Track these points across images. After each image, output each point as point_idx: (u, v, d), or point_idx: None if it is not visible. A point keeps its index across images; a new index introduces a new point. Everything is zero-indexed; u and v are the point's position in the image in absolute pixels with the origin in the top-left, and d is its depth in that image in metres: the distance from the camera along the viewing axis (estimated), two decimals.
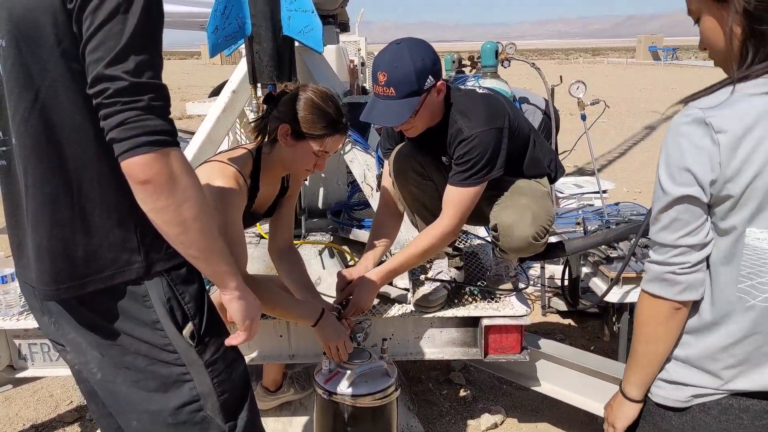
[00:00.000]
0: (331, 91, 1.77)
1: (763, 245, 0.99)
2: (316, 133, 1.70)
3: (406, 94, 1.75)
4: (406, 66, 1.72)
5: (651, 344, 1.14)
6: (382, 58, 1.78)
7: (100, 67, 1.01)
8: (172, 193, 1.05)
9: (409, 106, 1.76)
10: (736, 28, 0.98)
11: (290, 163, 1.79)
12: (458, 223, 1.91)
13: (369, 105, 1.83)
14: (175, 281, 1.22)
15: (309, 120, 1.69)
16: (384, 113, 1.78)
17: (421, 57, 1.75)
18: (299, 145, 1.72)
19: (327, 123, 1.70)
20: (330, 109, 1.71)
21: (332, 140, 1.73)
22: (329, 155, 1.78)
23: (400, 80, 1.73)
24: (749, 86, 0.97)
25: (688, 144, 0.98)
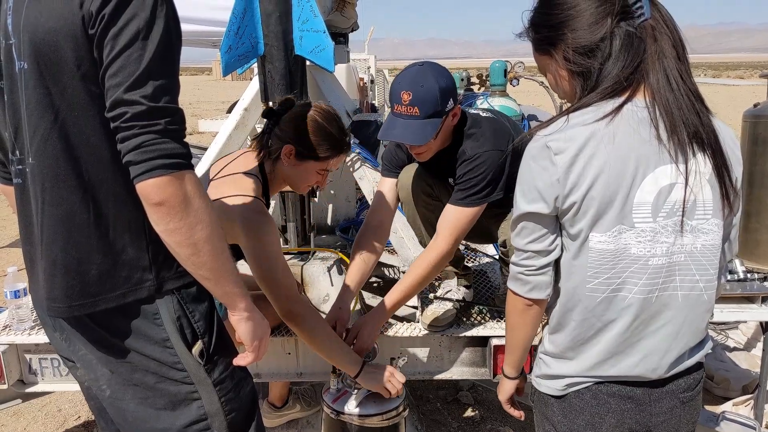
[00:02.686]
0: (333, 110, 1.80)
1: (603, 246, 1.14)
2: (321, 155, 1.73)
3: (429, 114, 1.75)
4: (431, 86, 1.73)
5: (515, 332, 1.34)
6: (406, 78, 1.77)
7: (120, 92, 1.03)
8: (185, 215, 1.07)
9: (432, 126, 1.76)
10: (561, 71, 1.20)
11: (293, 181, 1.82)
12: (453, 245, 1.88)
13: (388, 124, 1.81)
14: (185, 300, 1.23)
15: (314, 142, 1.71)
16: (407, 132, 1.76)
17: (445, 79, 1.76)
18: (303, 165, 1.75)
19: (331, 144, 1.73)
20: (334, 130, 1.74)
21: (336, 160, 1.78)
22: (331, 172, 1.83)
23: (425, 100, 1.73)
24: (581, 114, 1.14)
25: (535, 165, 1.15)
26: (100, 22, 1.04)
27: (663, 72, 1.12)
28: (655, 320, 1.18)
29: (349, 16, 3.14)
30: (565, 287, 1.22)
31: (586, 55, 1.15)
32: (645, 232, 1.13)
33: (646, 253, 1.14)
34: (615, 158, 1.10)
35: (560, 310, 1.24)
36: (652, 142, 1.11)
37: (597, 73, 1.15)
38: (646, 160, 1.11)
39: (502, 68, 3.64)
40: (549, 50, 1.21)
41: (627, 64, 1.13)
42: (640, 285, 1.15)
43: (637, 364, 1.19)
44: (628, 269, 1.15)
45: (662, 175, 1.11)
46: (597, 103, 1.14)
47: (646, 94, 1.14)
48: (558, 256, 1.21)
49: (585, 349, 1.22)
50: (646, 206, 1.12)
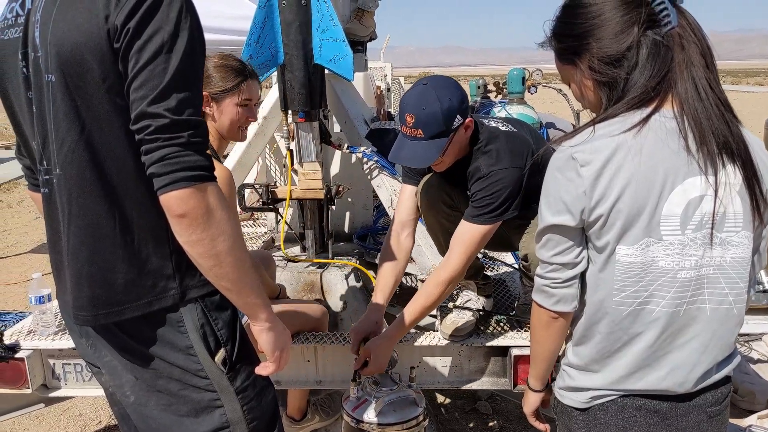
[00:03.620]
0: (228, 52, 1.92)
1: (630, 259, 1.12)
2: (231, 86, 1.82)
3: (433, 135, 1.75)
4: (434, 107, 1.72)
5: (540, 345, 1.33)
6: (410, 100, 1.77)
7: (144, 105, 1.04)
8: (207, 226, 1.08)
9: (436, 147, 1.76)
10: (586, 81, 1.19)
11: (225, 128, 1.87)
12: (465, 263, 1.86)
13: (397, 145, 1.83)
14: (208, 308, 1.24)
15: (220, 78, 1.82)
16: (412, 154, 1.78)
17: (449, 97, 1.74)
18: (222, 106, 1.84)
19: (236, 73, 1.84)
20: (231, 62, 1.84)
21: (247, 86, 1.86)
22: (253, 103, 1.90)
23: (427, 122, 1.73)
24: (608, 125, 1.12)
25: (561, 177, 1.13)
26: (125, 36, 1.05)
27: (691, 81, 1.11)
28: (683, 334, 1.16)
29: (367, 25, 3.15)
30: (591, 300, 1.21)
31: (612, 64, 1.13)
32: (673, 245, 1.11)
33: (674, 266, 1.12)
34: (643, 170, 1.08)
35: (585, 322, 1.23)
36: (680, 154, 1.09)
37: (623, 83, 1.14)
38: (674, 171, 1.09)
39: (520, 76, 3.63)
40: (573, 60, 1.20)
41: (654, 74, 1.11)
42: (668, 298, 1.14)
43: (664, 378, 1.18)
44: (655, 282, 1.13)
45: (691, 187, 1.10)
46: (624, 113, 1.13)
47: (674, 104, 1.12)
48: (584, 268, 1.20)
49: (611, 362, 1.21)
50: (675, 218, 1.10)
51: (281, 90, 2.60)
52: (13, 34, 1.19)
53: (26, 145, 1.29)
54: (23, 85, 1.19)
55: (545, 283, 1.23)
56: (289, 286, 2.83)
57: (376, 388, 1.86)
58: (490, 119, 1.98)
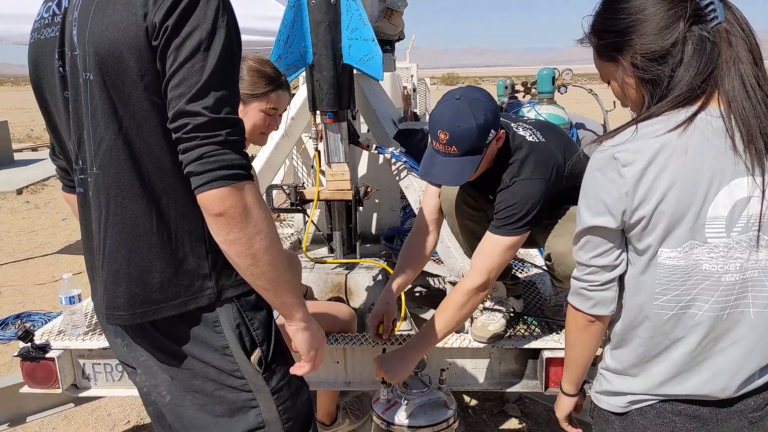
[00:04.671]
0: (266, 58, 1.91)
1: (673, 263, 1.09)
2: (261, 92, 1.81)
3: (468, 152, 1.71)
4: (469, 124, 1.67)
5: (575, 348, 1.30)
6: (443, 116, 1.71)
7: (182, 103, 1.04)
8: (244, 225, 1.07)
9: (472, 164, 1.72)
10: (628, 79, 1.16)
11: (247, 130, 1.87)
12: (489, 275, 1.80)
13: (427, 161, 1.79)
14: (244, 307, 1.24)
15: (252, 83, 1.80)
16: (446, 171, 1.73)
17: (483, 112, 1.69)
18: (248, 109, 1.82)
19: (268, 80, 1.82)
20: (268, 69, 1.84)
21: (277, 96, 1.85)
22: (279, 113, 1.90)
23: (462, 139, 1.68)
24: (651, 124, 1.09)
25: (602, 177, 1.10)
26: (163, 34, 1.05)
27: (739, 78, 1.07)
28: (726, 338, 1.13)
29: (396, 24, 3.14)
30: (631, 303, 1.18)
31: (657, 61, 1.10)
32: (718, 248, 1.08)
33: (718, 269, 1.09)
34: (687, 171, 1.05)
35: (624, 326, 1.20)
36: (727, 154, 1.06)
37: (667, 81, 1.10)
38: (720, 172, 1.06)
39: (550, 76, 3.57)
40: (615, 57, 1.17)
41: (700, 71, 1.08)
42: (711, 302, 1.10)
43: (705, 383, 1.14)
44: (698, 286, 1.10)
45: (738, 188, 1.06)
46: (668, 112, 1.09)
47: (720, 102, 1.09)
48: (623, 271, 1.17)
49: (650, 367, 1.18)
50: (720, 221, 1.07)
51: (310, 90, 2.60)
52: (49, 34, 1.19)
53: (61, 146, 1.30)
54: (60, 84, 1.20)
55: (583, 285, 1.20)
56: (315, 287, 2.83)
57: (407, 391, 1.85)
58: (519, 124, 1.94)
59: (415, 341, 1.89)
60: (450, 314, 1.84)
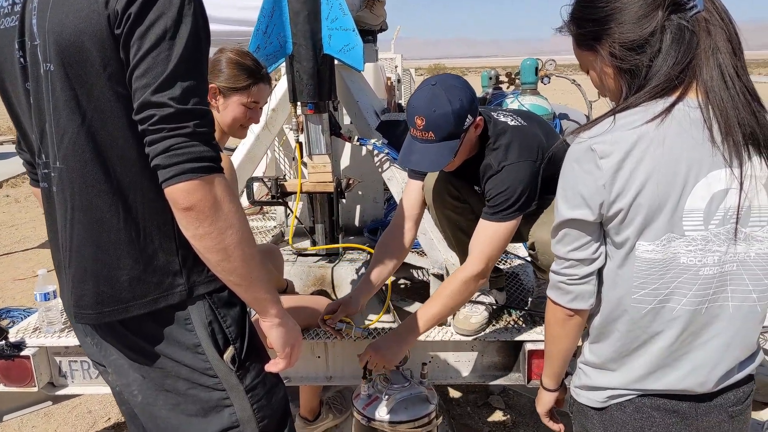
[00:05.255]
0: (246, 49, 1.91)
1: (651, 256, 1.08)
2: (241, 85, 1.81)
3: (445, 137, 1.70)
4: (444, 109, 1.66)
5: (554, 343, 1.29)
6: (419, 102, 1.70)
7: (147, 94, 1.00)
8: (214, 220, 1.04)
9: (449, 149, 1.71)
10: (607, 68, 1.14)
11: (227, 123, 1.87)
12: (486, 263, 1.79)
13: (406, 148, 1.77)
14: (216, 304, 1.21)
15: (232, 76, 1.81)
16: (424, 157, 1.72)
17: (459, 98, 1.68)
18: (229, 102, 1.83)
19: (248, 73, 1.81)
20: (248, 61, 1.84)
21: (257, 89, 1.84)
22: (260, 107, 1.90)
23: (438, 124, 1.68)
24: (629, 114, 1.07)
25: (579, 169, 1.09)
26: (126, 22, 1.01)
27: (717, 68, 1.05)
28: (705, 332, 1.12)
29: (378, 14, 3.10)
30: (609, 297, 1.16)
31: (635, 50, 1.08)
32: (696, 241, 1.07)
33: (696, 262, 1.07)
34: (665, 162, 1.04)
35: (603, 320, 1.19)
36: (705, 145, 1.04)
37: (646, 71, 1.08)
38: (698, 164, 1.04)
39: (533, 66, 3.56)
40: (593, 46, 1.14)
41: (678, 60, 1.06)
42: (689, 296, 1.09)
43: (684, 378, 1.13)
44: (676, 279, 1.08)
45: (715, 180, 1.05)
46: (646, 102, 1.08)
47: (698, 92, 1.07)
48: (602, 264, 1.16)
49: (629, 361, 1.17)
50: (698, 213, 1.05)
51: (290, 81, 2.56)
52: (9, 23, 1.15)
53: (26, 139, 1.26)
54: (20, 76, 1.15)
55: (561, 279, 1.19)
56: (298, 281, 2.80)
57: (387, 385, 1.83)
58: (500, 112, 1.92)
59: (409, 323, 1.87)
60: (446, 301, 1.82)
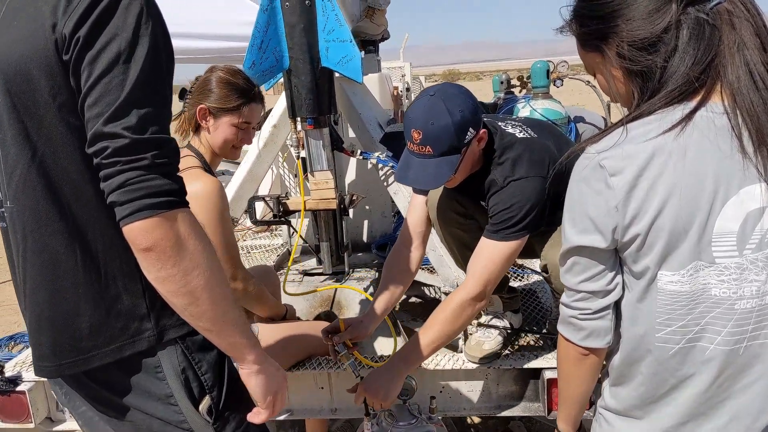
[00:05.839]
0: (237, 67, 1.87)
1: (675, 288, 0.94)
2: (232, 105, 1.76)
3: (444, 152, 1.56)
4: (444, 121, 1.52)
5: (569, 384, 1.15)
6: (416, 114, 1.56)
7: (99, 124, 0.90)
8: (178, 260, 0.93)
9: (448, 165, 1.57)
10: (615, 71, 1.00)
11: (218, 144, 1.81)
12: (486, 285, 1.64)
13: (403, 163, 1.64)
14: (190, 349, 1.10)
15: (222, 96, 1.75)
16: (421, 174, 1.58)
17: (459, 108, 1.54)
18: (219, 123, 1.77)
19: (239, 93, 1.76)
20: (239, 80, 1.78)
21: (249, 109, 1.79)
22: (252, 127, 1.83)
23: (437, 138, 1.54)
24: (642, 124, 0.94)
25: (587, 189, 0.97)
26: (75, 46, 0.91)
27: (744, 67, 0.91)
28: (745, 375, 0.97)
29: (379, 23, 2.99)
30: (629, 335, 1.02)
31: (646, 49, 0.94)
32: (729, 269, 0.92)
33: (731, 294, 0.93)
34: (688, 178, 0.89)
35: (624, 360, 1.04)
36: (734, 157, 0.90)
37: (660, 72, 0.94)
38: (727, 179, 0.90)
39: (544, 69, 3.41)
40: (599, 46, 1.01)
41: (698, 60, 0.91)
42: (724, 334, 0.94)
43: (723, 429, 0.98)
44: (708, 314, 0.94)
45: (749, 197, 0.90)
46: (662, 109, 0.94)
47: (723, 95, 0.92)
48: (619, 296, 1.02)
49: (656, 409, 1.02)
50: (730, 236, 0.91)
51: (288, 96, 2.46)
52: None
53: None
54: None
55: (572, 314, 1.05)
56: (304, 302, 2.69)
57: (393, 422, 1.69)
58: (508, 122, 1.78)
59: (402, 354, 1.73)
60: (442, 327, 1.68)
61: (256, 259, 3.29)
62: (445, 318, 1.66)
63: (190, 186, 1.69)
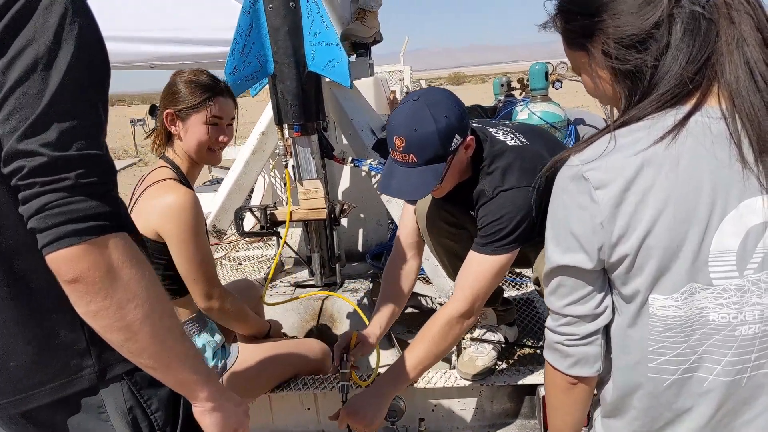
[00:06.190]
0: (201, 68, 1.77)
1: (669, 313, 0.85)
2: (197, 101, 1.66)
3: (429, 160, 1.46)
4: (428, 128, 1.43)
5: (557, 414, 1.05)
6: (399, 120, 1.47)
7: (13, 141, 0.79)
8: (110, 292, 0.83)
9: (433, 174, 1.47)
10: (600, 71, 0.91)
11: (192, 149, 1.71)
12: (475, 301, 1.55)
13: (386, 172, 1.54)
14: (138, 385, 0.99)
15: (187, 95, 1.66)
16: (405, 183, 1.49)
17: (444, 114, 1.44)
18: (189, 125, 1.67)
19: (204, 89, 1.67)
20: (202, 77, 1.69)
21: (216, 103, 1.69)
22: (225, 123, 1.73)
23: (421, 145, 1.44)
24: (631, 132, 0.85)
25: (570, 202, 0.88)
26: None
27: (744, 65, 0.81)
28: (747, 408, 0.87)
29: (370, 26, 2.90)
30: (620, 364, 0.93)
31: (635, 47, 0.85)
32: (728, 292, 0.82)
33: (731, 319, 0.83)
34: (681, 191, 0.80)
35: (615, 393, 0.95)
36: (733, 167, 0.80)
37: (651, 72, 0.85)
38: (725, 191, 0.80)
39: (543, 71, 3.31)
40: (585, 45, 0.91)
41: (693, 58, 0.82)
42: (723, 363, 0.85)
43: None
44: (706, 342, 0.84)
45: (750, 211, 0.80)
46: (653, 115, 0.84)
47: (721, 98, 0.83)
48: (609, 320, 0.92)
49: None
50: (729, 255, 0.81)
51: (274, 103, 2.37)
52: None
53: None
54: None
55: (558, 339, 0.96)
56: (296, 316, 2.59)
57: None
58: (500, 128, 1.67)
59: (388, 376, 1.63)
60: (429, 346, 1.58)
61: (246, 271, 3.20)
62: (432, 337, 1.57)
63: (162, 199, 1.62)
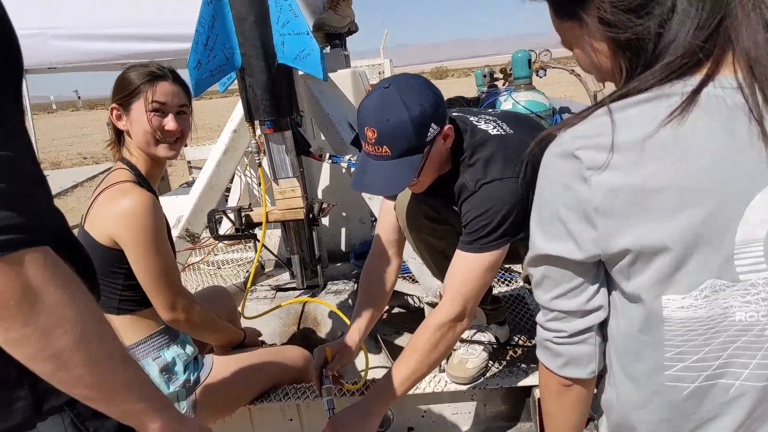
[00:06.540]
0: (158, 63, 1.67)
1: (688, 314, 0.74)
2: (134, 86, 1.55)
3: (403, 152, 1.34)
4: (400, 116, 1.31)
5: (551, 418, 0.96)
6: (369, 109, 1.34)
7: None
8: (31, 317, 0.70)
9: (409, 167, 1.35)
10: (597, 43, 0.80)
11: (141, 142, 1.57)
12: (466, 303, 1.43)
13: (359, 166, 1.42)
14: (82, 416, 0.87)
15: (124, 84, 1.56)
16: (378, 178, 1.36)
17: (418, 102, 1.32)
18: (131, 115, 1.56)
19: (138, 75, 1.57)
20: (148, 68, 1.59)
21: (153, 87, 1.56)
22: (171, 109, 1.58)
23: (394, 136, 1.32)
24: (631, 105, 0.74)
25: (558, 182, 0.78)
26: None
27: (763, 29, 0.70)
28: None
29: (344, 15, 2.78)
30: (632, 372, 0.82)
31: (635, 11, 0.74)
32: (757, 287, 0.72)
33: (760, 318, 0.73)
34: (693, 175, 0.69)
35: (625, 404, 0.84)
36: (755, 145, 0.69)
37: (654, 41, 0.74)
38: (747, 174, 0.69)
39: (526, 58, 3.21)
40: (576, 13, 0.80)
41: (703, 23, 0.71)
42: (752, 366, 0.74)
43: None
44: (732, 345, 0.74)
45: None
46: (657, 87, 0.73)
47: (737, 66, 0.71)
48: (604, 317, 0.83)
49: None
50: (756, 246, 0.71)
51: (243, 98, 2.24)
52: None
53: None
54: None
55: (547, 336, 0.88)
56: (277, 321, 2.47)
57: None
58: (482, 117, 1.56)
59: (377, 391, 1.51)
60: (420, 356, 1.45)
61: (226, 274, 3.07)
62: (423, 346, 1.44)
63: (117, 203, 1.48)
